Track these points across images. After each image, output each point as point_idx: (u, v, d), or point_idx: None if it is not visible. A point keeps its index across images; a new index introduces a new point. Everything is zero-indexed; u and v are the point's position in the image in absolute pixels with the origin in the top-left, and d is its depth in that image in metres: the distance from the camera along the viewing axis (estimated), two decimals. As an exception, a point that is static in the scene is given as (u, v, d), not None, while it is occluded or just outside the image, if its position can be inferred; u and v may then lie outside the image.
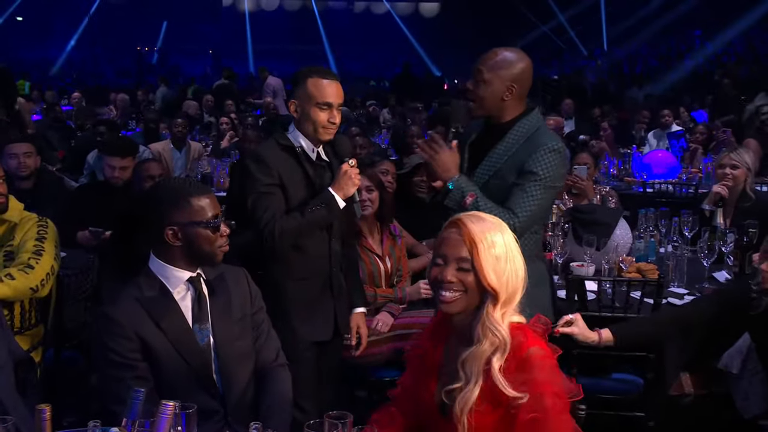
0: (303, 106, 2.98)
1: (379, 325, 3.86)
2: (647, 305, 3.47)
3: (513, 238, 2.10)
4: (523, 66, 2.89)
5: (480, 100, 2.90)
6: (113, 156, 4.74)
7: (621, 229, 4.11)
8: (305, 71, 3.02)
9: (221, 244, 2.40)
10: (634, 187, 7.01)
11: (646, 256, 4.22)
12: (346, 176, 3.00)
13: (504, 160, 2.88)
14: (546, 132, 2.93)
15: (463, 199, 2.82)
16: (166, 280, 2.36)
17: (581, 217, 4.13)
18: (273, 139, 3.06)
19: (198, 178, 7.09)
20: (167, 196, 2.36)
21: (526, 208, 2.80)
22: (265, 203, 2.94)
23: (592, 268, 3.97)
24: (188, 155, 7.64)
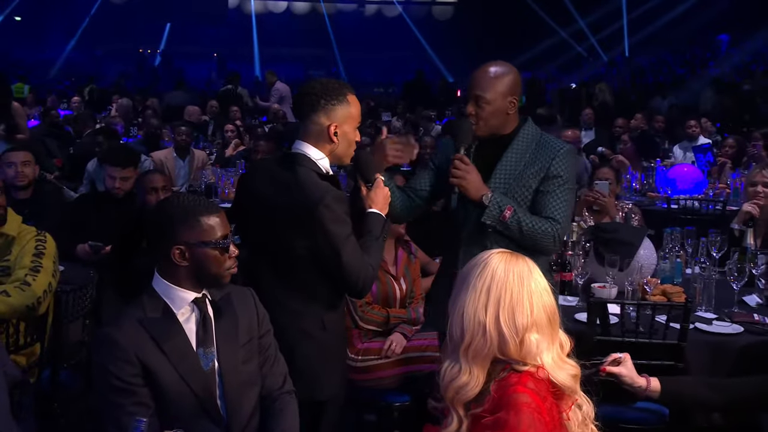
0: (344, 128, 2.77)
1: (393, 345, 3.86)
2: (673, 330, 3.44)
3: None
4: (515, 77, 3.06)
5: (484, 121, 3.03)
6: (114, 166, 4.75)
7: (645, 249, 4.08)
8: (339, 87, 2.78)
9: (230, 266, 2.39)
10: (658, 203, 6.97)
11: (672, 278, 4.18)
12: (387, 194, 2.91)
13: (521, 166, 3.02)
14: (550, 137, 3.13)
15: (501, 213, 2.96)
16: (170, 301, 2.35)
17: (603, 236, 4.10)
18: (309, 170, 2.76)
19: (202, 188, 7.12)
20: (175, 214, 2.33)
21: (563, 213, 3.00)
22: (358, 250, 2.72)
23: (615, 290, 3.94)
24: (192, 164, 7.67)
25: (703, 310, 3.84)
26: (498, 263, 2.08)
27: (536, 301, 2.06)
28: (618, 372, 2.56)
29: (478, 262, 2.12)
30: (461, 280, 2.12)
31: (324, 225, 2.67)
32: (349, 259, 2.69)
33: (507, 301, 2.04)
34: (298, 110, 2.90)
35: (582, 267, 4.04)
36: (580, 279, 4.02)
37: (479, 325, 2.04)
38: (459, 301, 2.09)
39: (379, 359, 3.85)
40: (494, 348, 2.03)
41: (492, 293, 2.05)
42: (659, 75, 19.05)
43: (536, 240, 2.97)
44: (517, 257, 2.11)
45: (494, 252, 2.13)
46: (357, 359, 3.86)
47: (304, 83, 3.03)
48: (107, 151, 5.21)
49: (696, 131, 8.77)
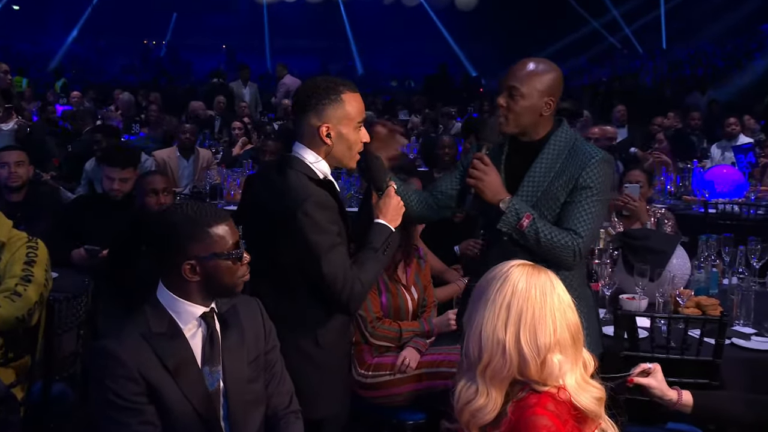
0: (339, 129, 2.75)
1: (407, 361, 3.85)
2: (708, 346, 3.41)
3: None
4: (558, 77, 3.00)
5: (515, 116, 2.97)
6: (113, 167, 4.78)
7: (678, 258, 4.05)
8: (333, 85, 2.76)
9: (243, 274, 2.39)
10: (695, 207, 6.93)
11: (707, 289, 4.15)
12: (397, 204, 2.89)
13: (550, 178, 2.97)
14: (585, 142, 3.06)
15: (519, 221, 2.92)
16: (176, 315, 2.34)
17: (633, 244, 4.08)
18: (299, 173, 2.75)
19: (206, 189, 7.17)
20: (182, 228, 2.31)
21: (586, 226, 2.92)
22: (341, 262, 2.69)
23: (645, 302, 3.92)
24: (196, 164, 7.72)
25: (740, 325, 3.81)
26: (519, 277, 2.05)
27: (560, 319, 2.03)
28: (647, 383, 2.54)
29: (497, 274, 2.09)
30: (479, 294, 2.10)
31: (303, 233, 2.65)
32: (330, 270, 2.66)
33: (528, 319, 2.01)
34: (293, 111, 2.91)
35: (609, 277, 4.02)
36: (607, 290, 4.00)
37: (498, 344, 2.01)
38: (477, 318, 2.06)
39: (392, 375, 3.84)
40: (514, 369, 2.01)
41: (512, 310, 2.02)
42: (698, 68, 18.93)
43: (554, 253, 2.91)
44: (539, 270, 2.09)
45: (514, 264, 2.10)
46: (367, 375, 3.85)
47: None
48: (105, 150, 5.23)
49: (735, 129, 8.70)
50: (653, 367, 2.56)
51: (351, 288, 2.69)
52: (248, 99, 13.43)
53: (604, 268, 4.07)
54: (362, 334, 3.90)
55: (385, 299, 3.96)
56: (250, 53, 24.99)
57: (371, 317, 3.89)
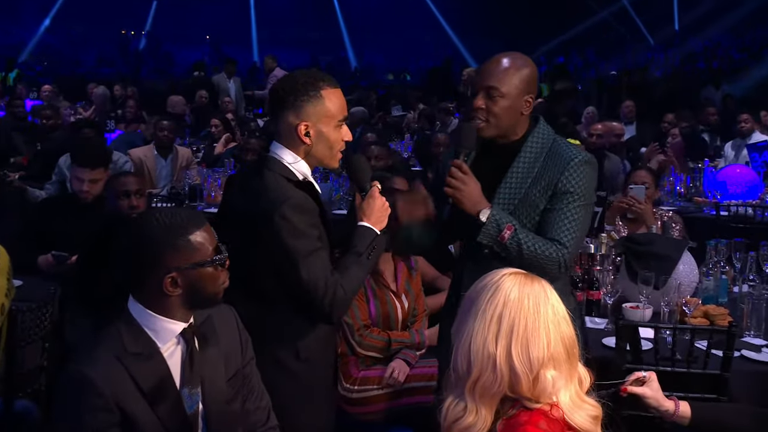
0: (319, 127, 2.75)
1: (395, 373, 3.87)
2: (716, 358, 3.41)
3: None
4: (534, 72, 3.00)
5: (496, 118, 2.94)
6: (82, 167, 4.77)
7: (685, 264, 4.05)
8: (312, 80, 2.75)
9: (224, 280, 2.36)
10: (705, 209, 6.94)
11: (716, 298, 4.16)
12: (382, 205, 2.87)
13: (528, 182, 2.94)
14: (565, 142, 3.03)
15: (500, 233, 2.88)
16: (154, 334, 2.29)
17: (637, 249, 4.08)
18: (276, 175, 2.75)
19: (185, 190, 7.15)
20: (159, 238, 2.25)
21: (571, 235, 2.89)
22: (321, 267, 2.68)
23: (649, 312, 3.92)
24: (175, 163, 7.70)
25: (751, 336, 3.81)
26: (511, 286, 2.04)
27: (554, 332, 2.02)
28: (641, 393, 2.52)
29: (488, 283, 2.08)
30: (468, 304, 2.09)
31: (280, 238, 2.65)
32: (310, 276, 2.65)
33: (521, 332, 2.00)
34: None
35: (612, 284, 4.02)
36: (609, 298, 4.00)
37: (488, 358, 2.00)
38: (465, 329, 2.05)
39: (379, 389, 3.86)
40: (504, 385, 2.01)
41: (504, 322, 2.01)
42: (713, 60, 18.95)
43: (538, 265, 2.86)
44: (533, 279, 2.08)
45: (507, 273, 2.09)
46: (353, 389, 3.86)
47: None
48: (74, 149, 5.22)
49: (746, 126, 8.70)
50: (648, 376, 2.55)
51: (333, 295, 2.67)
52: (233, 94, 13.44)
53: (606, 275, 4.07)
54: (348, 344, 3.90)
55: (373, 307, 3.97)
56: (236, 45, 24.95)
57: (358, 325, 3.90)
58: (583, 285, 4.07)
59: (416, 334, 4.02)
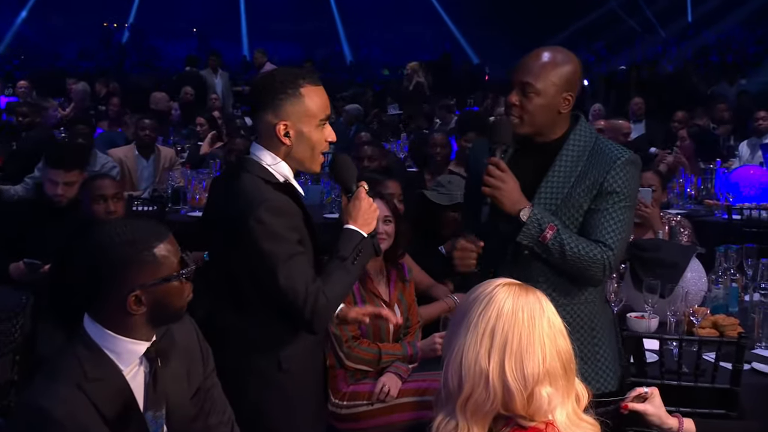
0: (299, 127, 2.75)
1: (386, 388, 3.86)
2: (725, 371, 3.41)
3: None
4: (576, 69, 2.97)
5: (530, 116, 2.94)
6: (56, 168, 4.76)
7: (693, 271, 4.06)
8: (291, 77, 2.75)
9: (189, 293, 2.35)
10: (717, 213, 6.95)
11: (726, 307, 4.16)
12: (370, 208, 2.86)
13: (571, 183, 2.95)
14: (608, 142, 3.05)
15: (541, 233, 2.90)
16: (116, 356, 2.26)
17: (642, 256, 4.08)
18: (254, 176, 2.76)
19: (168, 192, 7.15)
20: (123, 255, 2.22)
21: (616, 237, 2.92)
22: (301, 273, 2.68)
23: (655, 322, 3.93)
24: (157, 164, 7.71)
25: (762, 347, 3.81)
26: (505, 298, 2.04)
27: (549, 347, 2.02)
28: (643, 409, 2.51)
29: (480, 295, 2.08)
30: (460, 317, 2.09)
31: (255, 242, 2.65)
32: (288, 283, 2.64)
33: (515, 346, 2.00)
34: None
35: (615, 293, 4.02)
36: (613, 307, 3.99)
37: (480, 374, 2.00)
38: (457, 343, 2.05)
39: (369, 405, 3.84)
40: (498, 402, 2.00)
41: (497, 336, 2.00)
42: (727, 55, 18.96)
43: (581, 268, 2.91)
44: (528, 290, 2.08)
45: (500, 283, 2.09)
46: (342, 405, 3.85)
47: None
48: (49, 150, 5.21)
49: (765, 124, 8.70)
50: (650, 392, 2.54)
51: (314, 302, 2.66)
52: (220, 90, 13.43)
53: (610, 284, 4.06)
54: (336, 357, 3.90)
55: None
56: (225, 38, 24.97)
57: (347, 336, 3.89)
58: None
59: (408, 346, 4.01)
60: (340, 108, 11.68)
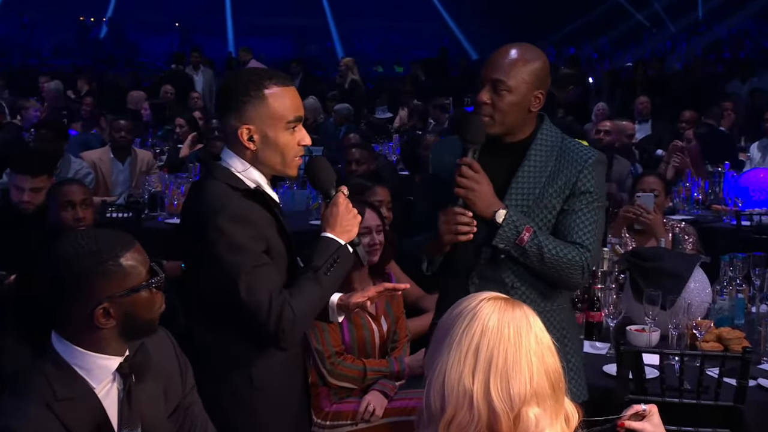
0: (264, 130, 2.74)
1: (371, 407, 3.86)
2: (729, 388, 3.40)
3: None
4: (546, 66, 3.05)
5: (502, 114, 2.98)
6: (22, 174, 4.76)
7: (696, 282, 4.05)
8: (255, 78, 2.75)
9: (161, 304, 2.36)
10: (726, 219, 6.95)
11: (732, 319, 4.16)
12: (349, 214, 2.84)
13: (542, 182, 3.02)
14: (575, 141, 3.15)
15: (518, 236, 2.95)
16: (87, 373, 2.27)
17: (642, 265, 4.08)
18: (220, 183, 2.74)
19: (144, 198, 7.14)
20: (88, 266, 2.22)
21: (593, 237, 3.02)
22: (265, 285, 2.66)
23: (656, 335, 3.93)
24: (133, 167, 7.69)
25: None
26: (490, 313, 2.03)
27: (537, 365, 2.01)
28: (641, 428, 2.48)
29: (463, 310, 2.07)
30: (442, 333, 2.08)
31: (216, 252, 2.65)
32: (251, 297, 2.64)
33: (500, 365, 1.99)
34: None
35: (614, 305, 4.01)
36: (611, 320, 3.99)
37: (464, 394, 1.99)
38: (439, 362, 2.04)
39: (353, 425, 3.84)
40: (483, 424, 1.99)
41: (482, 354, 1.99)
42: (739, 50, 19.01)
43: (560, 271, 2.98)
44: (514, 305, 2.07)
45: (485, 297, 2.08)
46: (325, 425, 3.85)
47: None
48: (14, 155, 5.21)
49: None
50: (648, 409, 2.53)
51: (279, 317, 2.64)
52: (201, 88, 13.42)
53: (609, 295, 4.06)
54: (319, 373, 3.90)
55: (346, 331, 3.96)
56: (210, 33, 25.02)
57: (329, 352, 3.89)
58: (582, 305, 4.06)
59: (395, 362, 4.00)
60: (330, 108, 11.68)
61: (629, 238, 4.90)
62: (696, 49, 20.06)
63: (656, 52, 19.81)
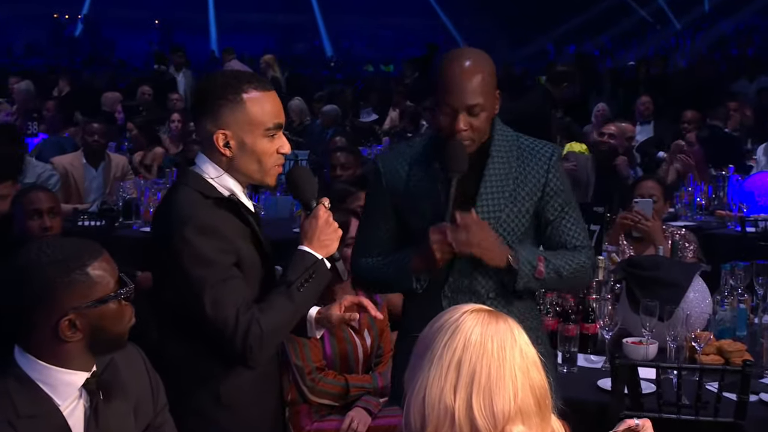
0: (241, 136, 2.73)
1: (354, 424, 3.86)
2: (729, 403, 3.41)
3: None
4: (492, 62, 3.09)
5: (479, 132, 3.04)
6: (-16, 180, 4.76)
7: (696, 292, 4.06)
8: (234, 81, 2.75)
9: (130, 317, 2.35)
10: (730, 225, 6.97)
11: (733, 331, 4.16)
12: (328, 227, 2.82)
13: (510, 185, 3.07)
14: (528, 137, 3.20)
15: (534, 269, 3.02)
16: (51, 390, 2.26)
17: (639, 274, 4.08)
18: (191, 190, 2.73)
19: (118, 205, 7.12)
20: (53, 276, 2.21)
21: (585, 233, 3.20)
22: (232, 299, 2.65)
23: (654, 348, 3.93)
24: (107, 173, 7.68)
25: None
26: (472, 326, 2.04)
27: (522, 380, 2.01)
28: None
29: (445, 323, 2.07)
30: (423, 348, 2.08)
31: (180, 264, 2.64)
32: (215, 312, 2.62)
33: (483, 381, 1.99)
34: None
35: (610, 316, 4.01)
36: (607, 332, 3.99)
37: (445, 411, 1.99)
38: (419, 377, 2.04)
39: (338, 443, 3.84)
40: None
41: (464, 369, 2.00)
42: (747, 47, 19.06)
43: (575, 280, 3.15)
44: (498, 318, 2.08)
45: (467, 309, 2.08)
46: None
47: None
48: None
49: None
50: (642, 423, 2.54)
51: (246, 333, 2.63)
52: (182, 89, 13.42)
53: (604, 305, 4.06)
54: (299, 390, 3.90)
55: (328, 345, 3.97)
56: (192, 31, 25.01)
57: (310, 368, 3.89)
58: (576, 316, 4.07)
59: (379, 377, 4.01)
60: (317, 109, 11.68)
61: (627, 246, 4.90)
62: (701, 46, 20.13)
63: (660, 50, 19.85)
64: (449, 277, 3.08)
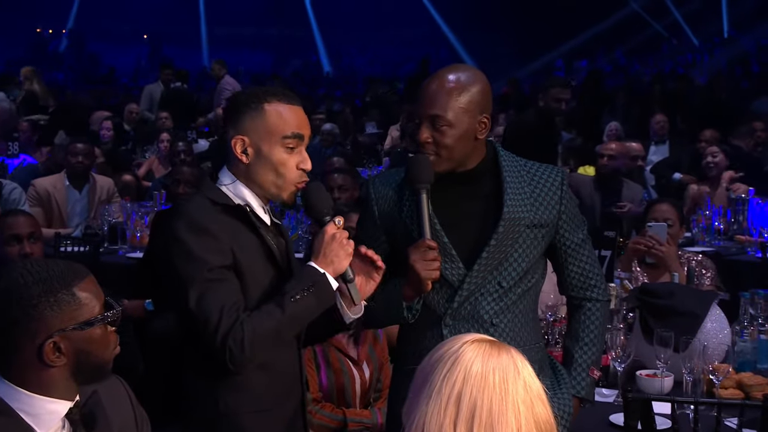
0: (258, 144, 2.85)
1: (351, 462, 3.86)
2: (748, 440, 3.41)
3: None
4: (485, 87, 3.10)
5: (448, 150, 3.04)
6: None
7: (713, 322, 4.06)
8: (259, 93, 2.88)
9: (115, 344, 2.37)
10: (750, 250, 6.97)
11: (754, 364, 4.16)
12: (335, 243, 2.86)
13: (527, 209, 3.11)
14: (533, 162, 3.24)
15: (597, 383, 3.43)
16: (33, 419, 2.27)
17: (653, 303, 4.09)
18: (201, 196, 2.87)
19: (104, 229, 7.13)
20: (37, 296, 2.23)
21: (599, 267, 3.34)
22: (218, 298, 2.74)
23: (669, 381, 3.92)
24: (92, 196, 7.68)
25: (795, 411, 3.80)
26: (473, 358, 2.05)
27: (525, 414, 2.02)
28: None
29: (444, 354, 2.08)
30: (421, 380, 2.09)
31: (170, 260, 2.77)
32: (199, 308, 2.71)
33: (484, 415, 2.00)
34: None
35: (622, 347, 4.01)
36: (619, 364, 3.99)
37: None
38: (417, 412, 2.05)
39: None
40: None
41: (464, 403, 2.01)
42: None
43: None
44: (500, 349, 2.08)
45: (468, 340, 2.09)
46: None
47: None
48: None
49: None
50: None
51: (226, 334, 2.69)
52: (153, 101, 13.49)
53: (616, 336, 4.05)
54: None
55: (325, 376, 3.97)
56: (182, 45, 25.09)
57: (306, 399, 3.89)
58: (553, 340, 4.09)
59: (378, 413, 4.01)
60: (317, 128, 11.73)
61: (640, 273, 4.91)
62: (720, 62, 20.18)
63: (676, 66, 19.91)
64: (453, 303, 3.09)
